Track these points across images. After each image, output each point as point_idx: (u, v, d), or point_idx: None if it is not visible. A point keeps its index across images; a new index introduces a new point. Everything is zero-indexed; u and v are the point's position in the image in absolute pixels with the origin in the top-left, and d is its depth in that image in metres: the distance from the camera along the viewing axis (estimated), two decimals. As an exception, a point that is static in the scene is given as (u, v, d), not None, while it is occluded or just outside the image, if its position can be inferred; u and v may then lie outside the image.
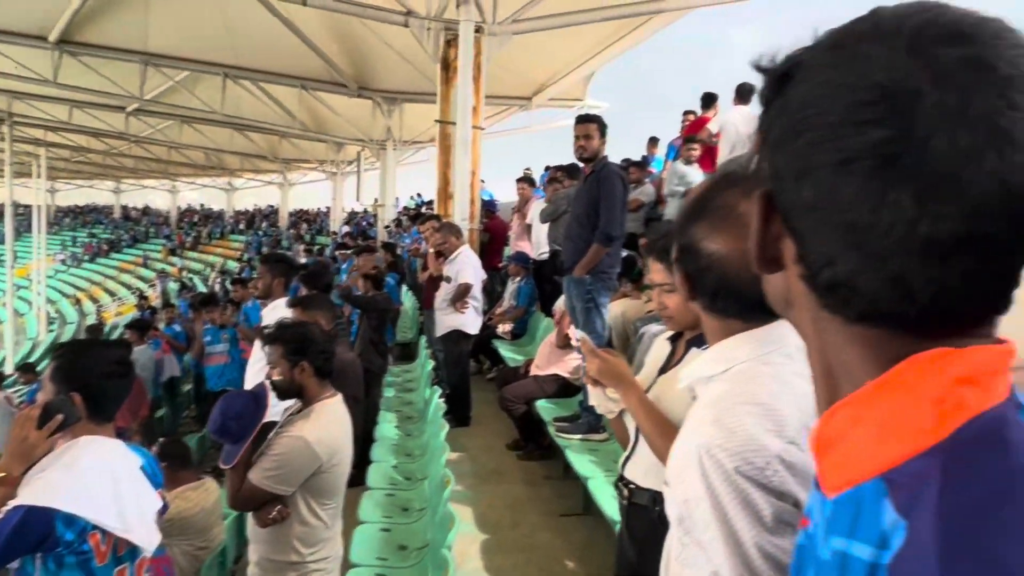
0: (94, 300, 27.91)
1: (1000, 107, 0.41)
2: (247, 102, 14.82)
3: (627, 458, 1.81)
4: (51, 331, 23.25)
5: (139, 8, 11.41)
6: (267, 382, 2.44)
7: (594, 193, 4.00)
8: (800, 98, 0.48)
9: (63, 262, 33.31)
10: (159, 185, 36.62)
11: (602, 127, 4.06)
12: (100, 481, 1.73)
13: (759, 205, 0.54)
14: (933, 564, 0.42)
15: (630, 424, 1.80)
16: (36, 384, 8.41)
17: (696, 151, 7.25)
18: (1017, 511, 0.42)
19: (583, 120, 4.10)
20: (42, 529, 1.59)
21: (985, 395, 0.47)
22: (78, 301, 27.96)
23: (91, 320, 22.50)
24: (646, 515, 1.73)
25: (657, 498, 1.70)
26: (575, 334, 1.89)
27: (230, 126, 17.44)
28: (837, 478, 0.52)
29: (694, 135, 7.64)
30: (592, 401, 1.85)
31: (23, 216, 29.91)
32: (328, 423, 2.39)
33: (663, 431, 1.63)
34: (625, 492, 1.80)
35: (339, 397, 2.48)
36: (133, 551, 1.79)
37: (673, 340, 1.84)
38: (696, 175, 7.07)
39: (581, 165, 4.33)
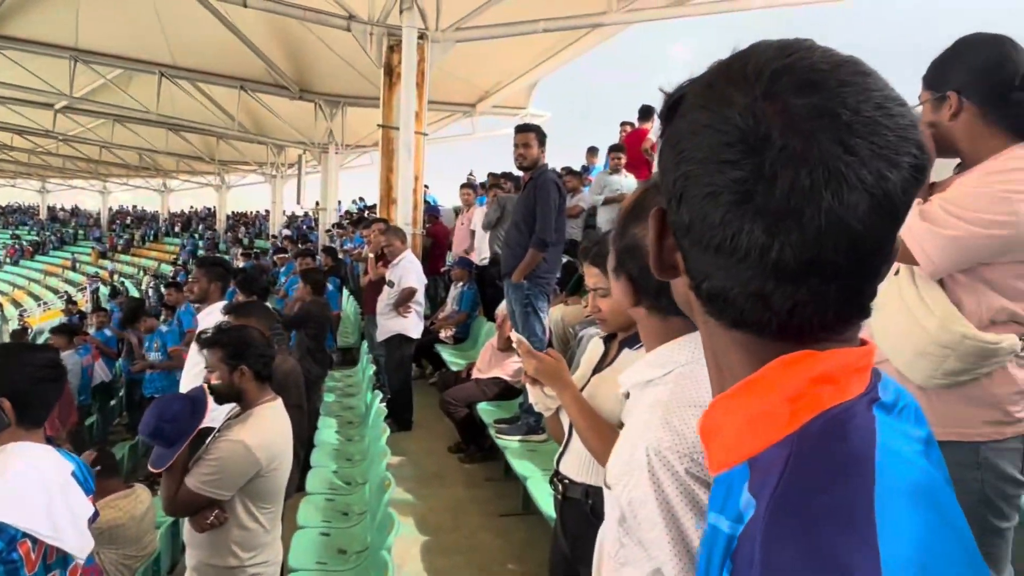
0: (17, 304, 26.54)
1: (838, 152, 0.47)
2: (184, 102, 14.35)
3: (561, 454, 1.87)
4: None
5: (69, 2, 10.95)
6: (205, 386, 2.41)
7: (531, 200, 4.09)
8: (679, 131, 0.54)
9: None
10: (89, 186, 34.97)
11: (540, 136, 4.15)
12: (31, 488, 1.68)
13: (654, 220, 0.61)
14: (758, 543, 0.49)
15: (565, 421, 1.87)
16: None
17: (622, 160, 7.46)
18: (836, 497, 0.48)
19: (522, 129, 4.19)
20: None
21: (839, 392, 0.53)
22: (-1, 305, 26.56)
23: (14, 325, 21.36)
24: (579, 508, 1.79)
25: (589, 492, 1.77)
26: (513, 336, 1.94)
27: (165, 126, 16.87)
28: (716, 461, 0.60)
29: (620, 145, 7.87)
30: (531, 399, 1.91)
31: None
32: (268, 427, 2.37)
33: (595, 427, 1.71)
34: (559, 487, 1.86)
35: (279, 401, 2.47)
36: (64, 559, 1.74)
37: (607, 341, 1.92)
38: (623, 183, 7.26)
39: (520, 173, 4.42)
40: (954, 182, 1.58)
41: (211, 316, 3.61)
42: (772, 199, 0.47)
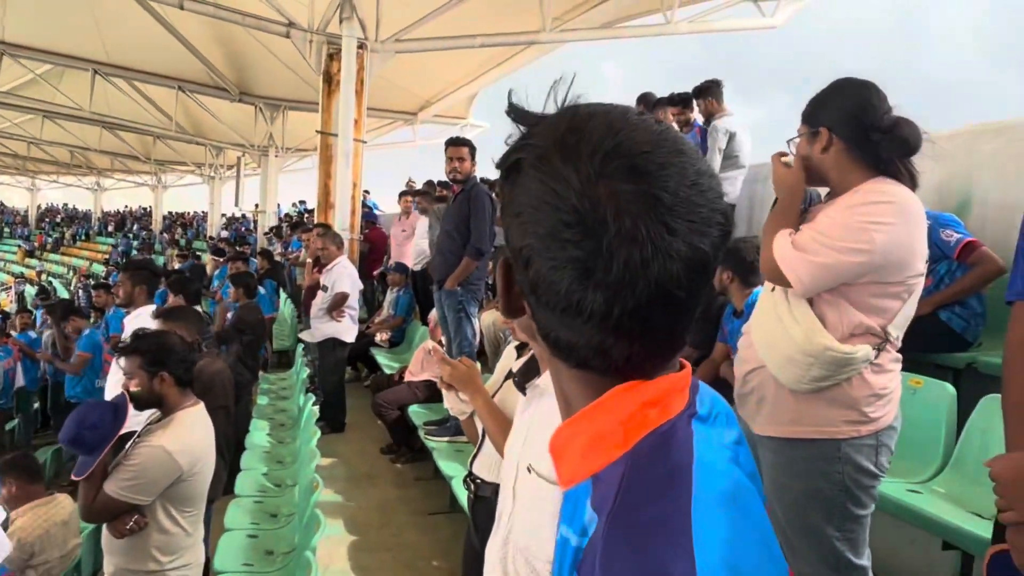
0: (-65, 304, 24.89)
1: (661, 232, 0.53)
2: (119, 100, 13.80)
3: (474, 456, 1.94)
4: None
5: (-7, -6, 10.43)
6: (125, 392, 2.38)
7: (464, 210, 4.17)
8: (519, 203, 0.59)
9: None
10: (16, 182, 33.10)
11: (472, 150, 4.23)
12: None
13: (502, 271, 0.66)
14: (598, 555, 0.55)
15: (479, 425, 1.93)
16: None
17: None
18: (660, 510, 0.54)
19: (456, 143, 4.26)
20: None
21: (663, 412, 0.60)
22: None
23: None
24: (489, 506, 1.84)
25: (498, 491, 1.84)
26: (428, 344, 2.00)
27: (99, 124, 16.16)
28: (565, 478, 0.65)
29: None
30: (446, 404, 1.97)
31: None
32: (189, 432, 2.36)
33: (504, 431, 1.77)
34: (472, 487, 1.92)
35: (201, 406, 2.45)
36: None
37: (520, 348, 2.00)
38: None
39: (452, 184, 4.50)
40: (820, 213, 1.74)
41: (138, 320, 3.53)
42: (610, 274, 0.53)
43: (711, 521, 0.53)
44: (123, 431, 2.36)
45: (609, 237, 0.53)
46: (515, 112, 0.64)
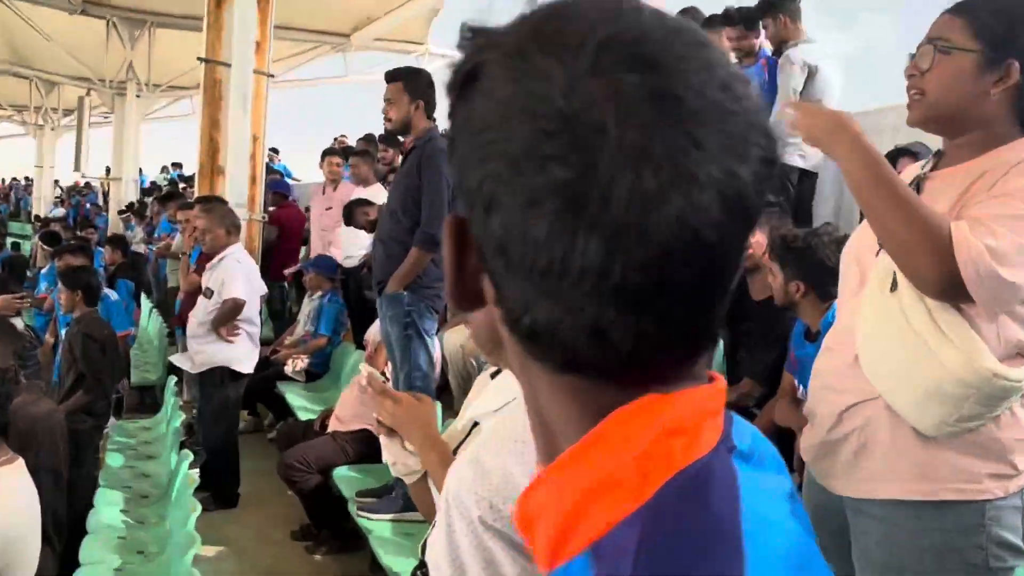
0: None
1: (685, 146, 0.51)
2: None
3: (428, 537, 1.92)
4: None
5: None
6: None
7: (414, 179, 4.12)
8: (481, 116, 0.57)
9: None
10: None
11: (415, 87, 4.18)
12: None
13: (450, 232, 0.63)
14: None
15: (434, 491, 1.91)
16: None
17: None
18: (709, 569, 0.54)
19: (389, 78, 4.22)
20: None
21: (692, 444, 0.59)
22: None
23: None
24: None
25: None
26: (363, 369, 1.98)
27: None
28: (546, 556, 0.64)
29: None
30: (386, 458, 1.94)
31: None
32: (3, 496, 2.33)
33: None
34: (425, 579, 1.90)
35: (19, 463, 2.42)
36: None
37: (494, 376, 1.97)
38: None
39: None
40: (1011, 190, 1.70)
41: None
42: (609, 207, 0.50)
43: None
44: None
45: (609, 151, 0.50)
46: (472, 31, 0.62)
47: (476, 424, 1.95)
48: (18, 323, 4.36)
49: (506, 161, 0.53)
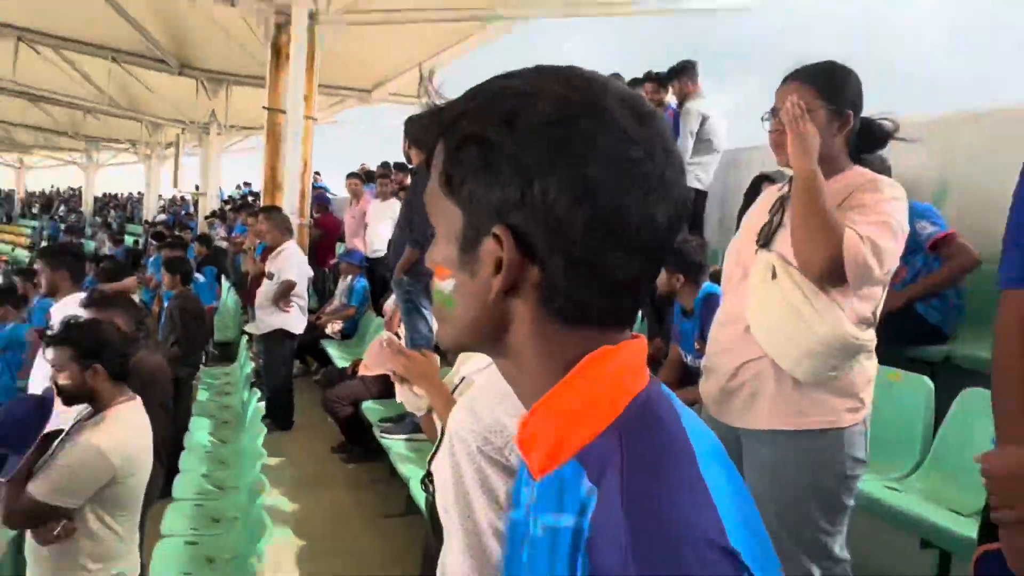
0: None
1: (675, 160, 0.61)
2: (46, 70, 13.23)
3: (433, 454, 1.88)
4: None
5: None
6: (52, 386, 2.27)
7: (410, 198, 4.08)
8: (578, 151, 0.59)
9: None
10: (-73, 159, 31.64)
11: (413, 133, 4.11)
12: None
13: (507, 241, 0.60)
14: (619, 514, 0.53)
15: (437, 423, 1.88)
16: None
17: None
18: (673, 470, 0.56)
19: (406, 124, 4.15)
20: None
21: (639, 377, 0.62)
22: None
23: None
24: (448, 509, 1.82)
25: (459, 492, 1.81)
26: (383, 335, 1.94)
27: (23, 96, 15.47)
28: (541, 465, 0.63)
29: None
30: (399, 398, 1.91)
31: None
32: (124, 429, 2.25)
33: None
34: (430, 488, 1.87)
35: (138, 401, 2.35)
36: None
37: None
38: None
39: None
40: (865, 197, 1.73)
41: (66, 309, 3.37)
42: (664, 184, 0.59)
43: (715, 476, 0.56)
44: (50, 429, 2.25)
45: (660, 158, 0.59)
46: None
47: (463, 378, 1.92)
48: (135, 298, 4.24)
49: (605, 168, 0.58)
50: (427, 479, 1.90)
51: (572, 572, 0.56)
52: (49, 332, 2.31)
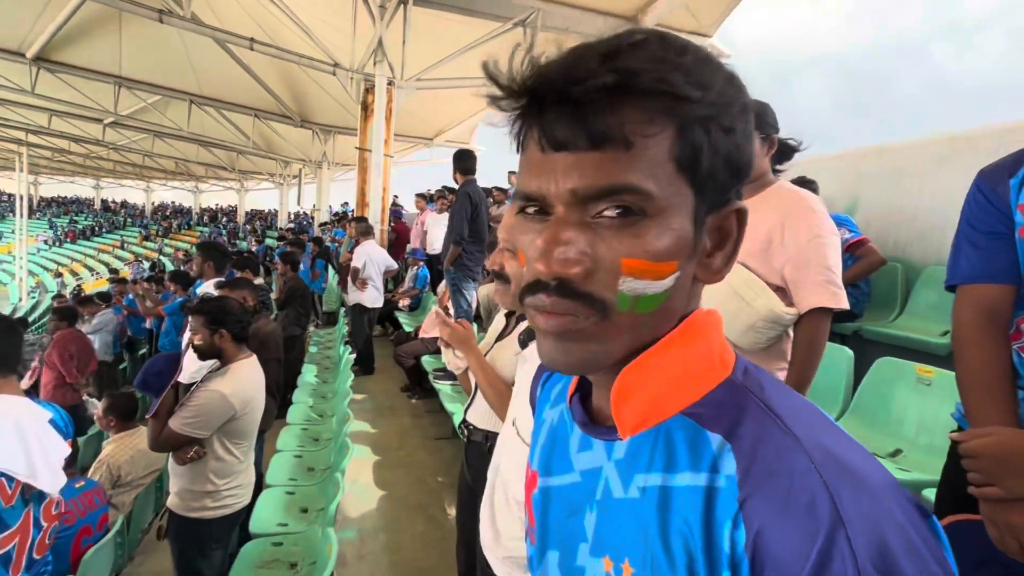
0: (74, 274, 24.14)
1: None
2: (210, 123, 13.26)
3: (468, 405, 1.69)
4: (32, 298, 19.80)
5: (112, 38, 9.83)
6: (188, 345, 2.10)
7: (454, 208, 3.93)
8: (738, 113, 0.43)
9: (45, 242, 28.46)
10: (135, 184, 32.05)
11: (460, 164, 3.95)
12: (7, 433, 1.36)
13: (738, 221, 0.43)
14: (802, 466, 0.34)
15: (472, 379, 1.69)
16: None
17: None
18: (819, 417, 0.38)
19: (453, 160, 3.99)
20: None
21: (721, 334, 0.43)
22: (59, 274, 24.04)
23: (70, 290, 19.39)
24: (479, 448, 1.62)
25: (488, 436, 1.60)
26: (434, 310, 1.74)
27: (196, 142, 15.53)
28: (636, 418, 0.41)
29: None
30: (444, 359, 1.71)
31: (6, 203, 25.17)
32: (242, 379, 2.09)
33: (493, 385, 1.53)
34: (465, 432, 1.68)
35: (254, 358, 2.18)
36: (40, 494, 1.44)
37: (508, 316, 1.74)
38: None
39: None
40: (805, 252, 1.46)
41: (206, 290, 3.22)
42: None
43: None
44: (187, 382, 2.09)
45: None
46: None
47: (498, 339, 1.70)
48: (258, 281, 4.09)
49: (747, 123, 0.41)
50: (463, 425, 1.71)
51: (710, 537, 0.35)
52: (189, 305, 2.13)
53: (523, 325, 1.62)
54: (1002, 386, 0.88)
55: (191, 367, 2.15)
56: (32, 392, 3.35)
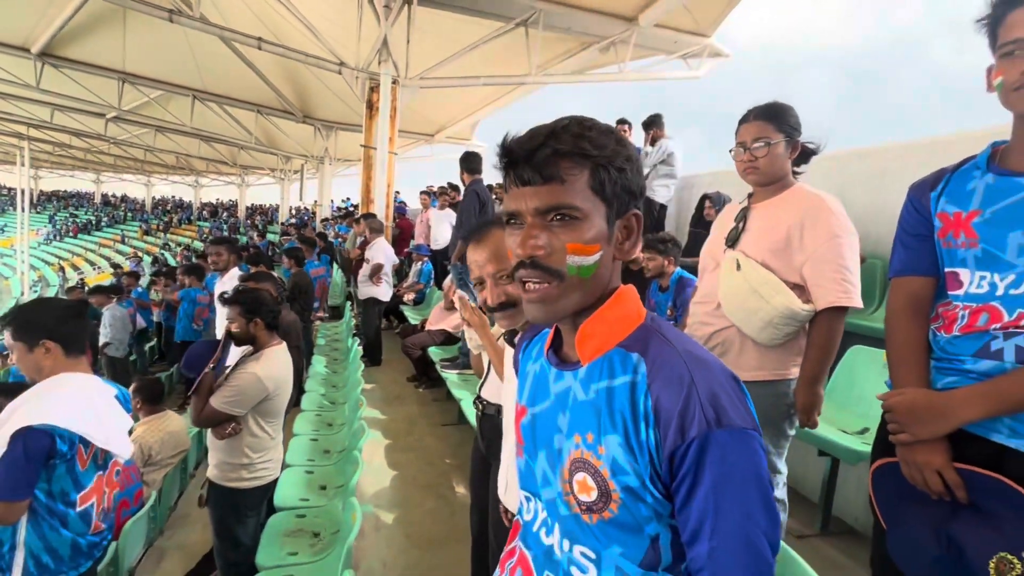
0: (75, 268, 24.25)
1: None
2: (212, 119, 13.35)
3: (482, 383, 1.89)
4: (35, 292, 19.93)
5: (117, 33, 9.92)
6: (225, 332, 2.30)
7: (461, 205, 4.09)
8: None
9: (46, 236, 28.55)
10: (136, 179, 32.07)
11: (466, 165, 4.14)
12: (82, 403, 1.56)
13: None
14: (675, 361, 0.62)
15: (485, 360, 1.87)
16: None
17: None
18: (674, 331, 0.67)
19: (461, 160, 4.14)
20: (46, 444, 1.39)
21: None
22: (61, 268, 24.15)
23: (72, 283, 19.53)
24: (492, 421, 1.81)
25: (499, 409, 1.80)
26: (458, 294, 1.91)
27: (197, 137, 15.64)
28: (591, 352, 0.68)
29: None
30: (467, 337, 1.88)
31: (7, 197, 25.18)
32: (274, 363, 2.29)
33: (504, 362, 1.72)
34: (479, 406, 1.87)
35: (283, 345, 2.38)
36: (105, 460, 1.64)
37: (509, 341, 1.91)
38: None
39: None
40: (821, 250, 1.53)
41: (231, 280, 3.42)
42: None
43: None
44: (225, 366, 2.29)
45: None
46: None
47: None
48: (275, 274, 4.28)
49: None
50: (477, 400, 1.90)
51: (634, 407, 0.62)
52: (225, 295, 2.34)
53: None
54: (919, 359, 1.08)
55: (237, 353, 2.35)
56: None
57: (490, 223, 1.26)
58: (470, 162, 4.13)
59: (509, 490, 1.28)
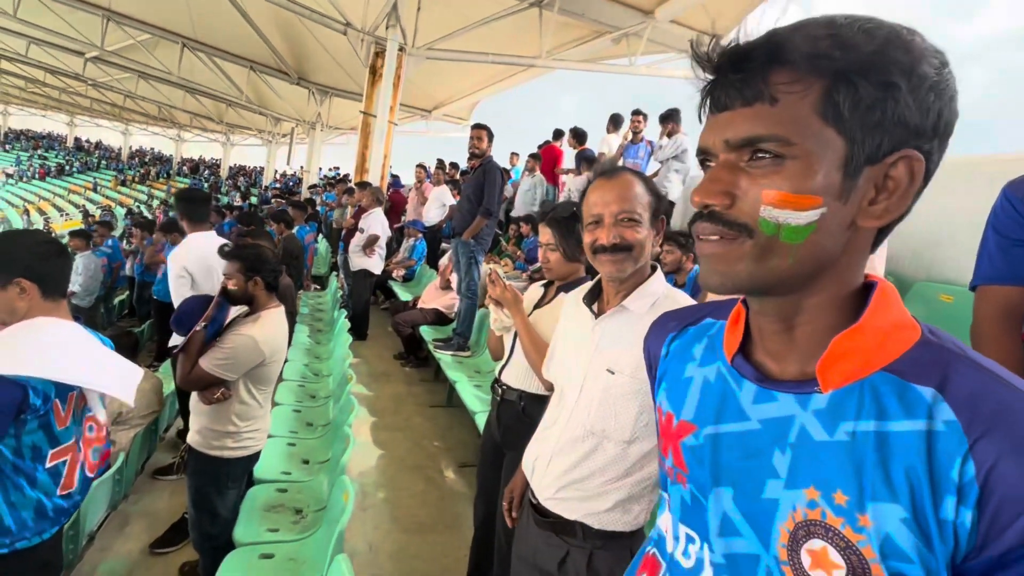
0: (42, 212, 23.08)
1: None
2: (201, 70, 12.70)
3: (503, 366, 1.76)
4: (-4, 233, 18.85)
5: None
6: (220, 291, 2.11)
7: (480, 180, 3.88)
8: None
9: (9, 176, 27.07)
10: (112, 126, 30.55)
11: (490, 134, 3.92)
12: (72, 349, 1.35)
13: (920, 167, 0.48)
14: (1014, 393, 0.41)
15: (506, 342, 1.75)
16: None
17: (536, 165, 7.12)
18: (979, 355, 0.45)
19: (478, 127, 3.93)
20: (17, 396, 1.19)
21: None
22: (27, 212, 22.97)
23: (37, 227, 18.55)
24: (513, 408, 1.70)
25: (523, 396, 1.68)
26: (491, 267, 1.77)
27: (184, 88, 14.91)
28: (838, 378, 0.48)
29: (536, 154, 7.52)
30: (492, 317, 1.74)
31: (-28, 131, 23.73)
32: (272, 327, 2.11)
33: (536, 345, 1.60)
34: (499, 391, 1.76)
35: (281, 308, 2.20)
36: (81, 414, 1.45)
37: (546, 286, 1.80)
38: (534, 181, 6.99)
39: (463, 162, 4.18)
40: None
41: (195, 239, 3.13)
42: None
43: None
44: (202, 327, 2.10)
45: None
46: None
47: (537, 307, 1.75)
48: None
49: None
50: (497, 384, 1.78)
51: (934, 470, 0.41)
52: (225, 248, 2.13)
53: (562, 295, 1.70)
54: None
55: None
56: None
57: (623, 168, 1.13)
58: (491, 133, 3.97)
59: (536, 473, 1.15)
